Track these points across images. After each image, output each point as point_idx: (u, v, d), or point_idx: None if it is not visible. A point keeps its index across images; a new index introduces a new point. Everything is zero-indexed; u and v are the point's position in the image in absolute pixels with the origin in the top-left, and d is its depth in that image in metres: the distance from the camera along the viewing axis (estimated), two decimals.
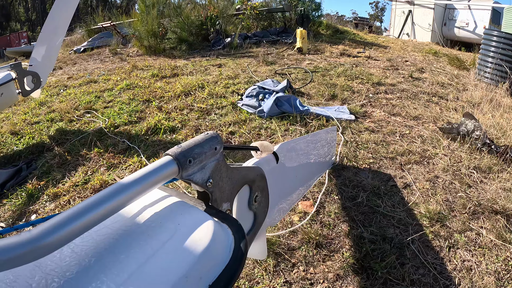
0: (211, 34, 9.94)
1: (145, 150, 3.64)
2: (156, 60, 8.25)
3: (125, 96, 5.39)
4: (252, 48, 9.10)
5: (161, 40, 9.57)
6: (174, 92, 5.23)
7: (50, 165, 3.64)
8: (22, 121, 5.11)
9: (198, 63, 7.40)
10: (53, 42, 4.42)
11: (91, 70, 7.88)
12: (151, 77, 6.36)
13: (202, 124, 4.16)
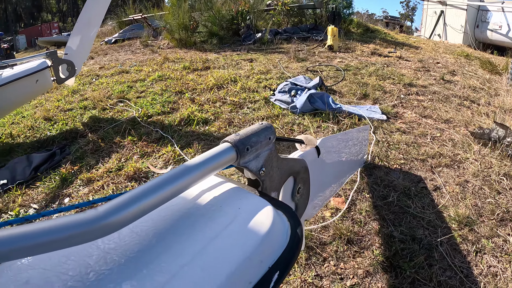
0: (241, 29, 9.92)
1: (178, 140, 3.63)
2: (187, 53, 8.28)
3: (157, 87, 5.41)
4: (283, 44, 9.04)
5: (192, 33, 9.59)
6: (206, 84, 5.22)
7: (83, 151, 3.68)
8: (55, 108, 5.18)
9: (229, 57, 7.39)
10: (88, 32, 4.47)
11: (123, 61, 7.95)
12: (182, 69, 6.38)
13: (235, 117, 4.13)
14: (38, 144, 4.10)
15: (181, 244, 0.75)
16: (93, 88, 5.90)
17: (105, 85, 5.99)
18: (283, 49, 8.40)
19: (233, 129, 3.87)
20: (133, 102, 4.92)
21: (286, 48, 8.42)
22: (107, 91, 5.52)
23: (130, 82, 5.87)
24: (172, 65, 6.84)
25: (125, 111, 4.63)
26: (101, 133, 4.02)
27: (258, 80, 5.49)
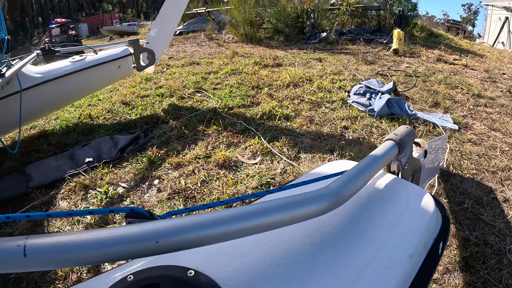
0: (306, 27, 9.89)
1: (263, 133, 3.65)
2: (253, 48, 8.34)
3: (232, 80, 5.47)
4: (348, 45, 8.95)
5: (257, 29, 9.64)
6: (282, 81, 5.23)
7: (168, 136, 3.77)
8: (131, 94, 5.34)
9: (297, 56, 7.37)
10: (169, 24, 4.61)
11: (191, 53, 8.11)
12: (253, 64, 6.42)
13: (315, 116, 4.11)
14: (119, 127, 4.25)
15: (369, 232, 0.88)
16: (166, 77, 6.05)
17: (178, 75, 6.13)
18: (348, 50, 8.32)
19: (314, 127, 3.85)
20: (211, 93, 5.00)
21: (352, 50, 8.33)
22: (182, 81, 5.64)
23: (203, 73, 5.98)
24: (242, 59, 6.90)
25: (204, 101, 4.71)
26: (183, 120, 4.11)
27: (332, 80, 5.44)
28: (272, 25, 9.94)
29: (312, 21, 10.07)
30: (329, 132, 3.75)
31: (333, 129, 3.82)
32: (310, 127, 3.86)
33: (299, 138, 3.60)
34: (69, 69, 4.11)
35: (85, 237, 0.58)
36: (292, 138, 3.57)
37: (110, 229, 0.60)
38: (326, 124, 3.95)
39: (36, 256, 0.54)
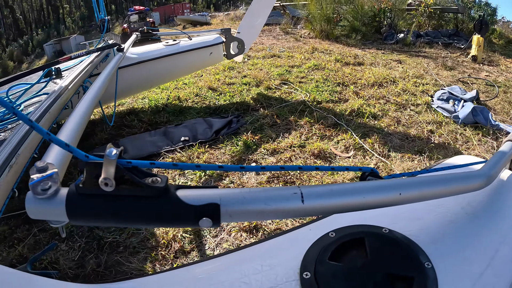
0: (383, 27, 9.85)
1: (354, 129, 3.82)
2: (330, 45, 8.43)
3: (316, 76, 5.65)
4: (425, 48, 8.82)
5: (335, 26, 9.70)
6: (367, 80, 5.35)
7: (261, 124, 4.02)
8: (216, 80, 5.65)
9: (376, 55, 7.42)
10: (260, 14, 4.79)
11: (269, 45, 8.34)
12: (335, 61, 6.54)
13: (401, 117, 4.23)
14: (208, 110, 4.55)
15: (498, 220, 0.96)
16: (249, 67, 6.31)
17: (260, 66, 6.39)
18: (425, 53, 8.23)
19: (402, 128, 3.97)
20: (297, 86, 5.21)
21: (429, 53, 8.23)
22: (266, 72, 5.89)
23: (286, 66, 6.20)
24: (323, 55, 7.04)
25: (292, 93, 4.93)
26: (274, 110, 4.35)
27: (414, 83, 5.50)
28: (349, 22, 9.96)
29: (389, 21, 10.00)
30: (416, 134, 3.84)
31: (419, 132, 3.91)
32: (397, 127, 3.99)
33: (388, 137, 3.74)
34: (163, 52, 4.46)
35: (350, 187, 0.70)
36: (382, 137, 3.72)
37: (363, 183, 0.74)
38: (413, 126, 4.06)
39: (311, 203, 0.63)
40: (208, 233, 2.47)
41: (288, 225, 2.45)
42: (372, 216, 0.87)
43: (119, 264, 2.27)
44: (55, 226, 0.57)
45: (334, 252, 0.80)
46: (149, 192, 0.57)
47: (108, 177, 0.54)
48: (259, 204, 0.61)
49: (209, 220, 0.58)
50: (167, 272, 0.92)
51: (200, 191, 0.60)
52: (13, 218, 2.86)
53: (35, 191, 0.56)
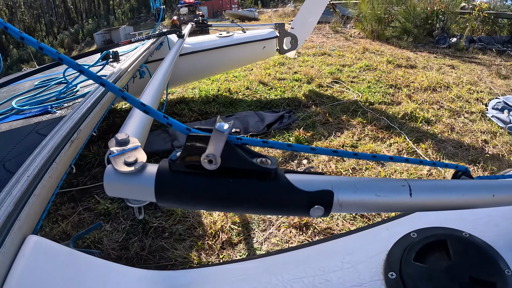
0: (435, 30, 9.58)
1: (407, 133, 3.74)
2: (381, 46, 8.31)
3: (368, 76, 5.61)
4: (478, 54, 8.54)
5: (386, 27, 9.51)
6: (420, 84, 5.25)
7: (313, 121, 4.04)
8: (267, 75, 5.66)
9: (428, 59, 7.24)
10: (314, 11, 4.79)
11: (319, 43, 8.28)
12: (387, 62, 6.46)
13: (455, 125, 4.11)
14: (259, 104, 4.60)
15: None
16: (299, 64, 6.29)
17: (311, 63, 6.38)
18: (478, 59, 7.95)
19: (455, 135, 3.86)
20: (349, 85, 5.18)
21: (482, 60, 7.95)
22: (317, 69, 5.85)
23: (337, 65, 6.19)
24: (374, 56, 6.97)
25: (344, 93, 4.93)
26: (326, 108, 4.35)
27: (469, 90, 5.33)
28: (401, 24, 9.73)
29: (442, 24, 9.72)
30: (470, 143, 3.74)
31: (473, 141, 3.80)
32: (451, 135, 3.88)
33: (442, 144, 3.64)
34: (217, 44, 4.52)
35: (451, 185, 0.66)
36: (435, 143, 3.62)
37: (464, 181, 0.71)
38: (467, 134, 3.93)
39: (418, 197, 0.59)
40: (256, 226, 2.45)
41: (339, 225, 2.39)
42: (450, 219, 0.89)
43: (164, 250, 2.31)
44: (133, 206, 0.53)
45: (418, 253, 0.78)
46: (259, 174, 0.52)
47: (214, 154, 0.48)
48: (369, 195, 0.56)
49: (321, 209, 0.53)
50: (236, 263, 0.94)
51: (311, 177, 0.55)
52: (58, 195, 2.92)
53: (118, 164, 0.51)
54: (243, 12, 22.98)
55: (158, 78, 1.55)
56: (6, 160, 1.40)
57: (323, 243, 0.92)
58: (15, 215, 0.80)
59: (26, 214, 0.82)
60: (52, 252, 0.74)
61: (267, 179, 0.52)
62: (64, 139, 1.25)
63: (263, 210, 0.55)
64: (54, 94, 2.51)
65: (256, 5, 45.72)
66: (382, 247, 0.83)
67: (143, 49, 3.28)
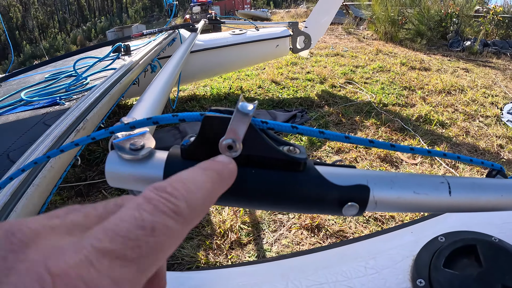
0: (449, 33, 9.48)
1: (421, 136, 3.67)
2: (394, 48, 8.23)
3: (382, 77, 5.54)
4: (492, 58, 8.43)
5: (399, 28, 9.43)
6: (434, 87, 5.16)
7: (326, 121, 4.00)
8: (280, 74, 5.61)
9: (441, 62, 7.15)
10: (328, 11, 4.73)
11: (332, 44, 8.22)
12: (400, 64, 6.38)
13: (470, 129, 4.02)
14: (272, 103, 4.56)
15: None
16: (312, 64, 6.24)
17: (323, 63, 6.32)
18: (493, 63, 7.84)
19: (470, 139, 3.78)
20: (362, 86, 5.12)
21: (497, 64, 7.84)
22: (330, 70, 5.80)
23: (350, 66, 6.13)
24: (387, 58, 6.90)
25: (357, 93, 4.87)
26: (339, 108, 4.30)
27: (483, 94, 5.23)
28: (414, 26, 9.64)
29: (456, 27, 9.61)
30: (485, 148, 3.66)
31: (489, 145, 3.71)
32: (466, 138, 3.80)
33: (457, 147, 3.57)
34: (229, 41, 4.47)
35: (491, 183, 0.57)
36: (450, 146, 3.55)
37: (501, 180, 0.60)
38: (482, 139, 3.85)
39: (458, 196, 0.53)
40: (267, 227, 2.40)
41: (352, 228, 2.32)
42: (477, 223, 0.84)
43: None
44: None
45: (447, 258, 0.72)
46: (286, 164, 0.45)
47: (235, 138, 0.41)
48: (407, 192, 0.48)
49: (355, 206, 0.45)
50: (249, 266, 0.87)
51: (344, 170, 0.48)
52: (66, 189, 2.89)
53: (122, 150, 0.44)
54: (256, 12, 23.04)
55: (167, 71, 1.49)
56: (11, 150, 1.35)
57: (343, 246, 0.86)
58: (11, 205, 0.74)
59: (24, 205, 0.76)
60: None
61: (296, 171, 0.45)
62: (69, 128, 1.20)
63: (289, 207, 0.47)
64: (63, 86, 2.48)
65: (269, 6, 45.82)
66: (408, 251, 0.78)
67: (155, 43, 3.24)
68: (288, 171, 0.44)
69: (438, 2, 10.68)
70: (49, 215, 0.24)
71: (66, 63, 3.32)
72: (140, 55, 2.71)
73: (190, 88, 5.44)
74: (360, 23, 11.09)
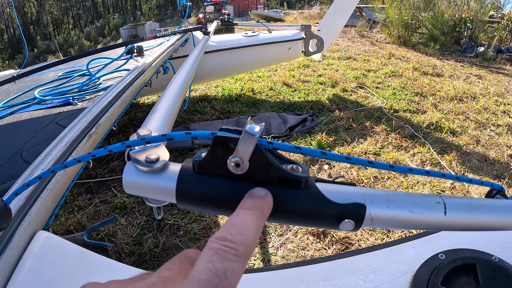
0: (463, 38, 9.40)
1: (431, 144, 3.64)
2: (407, 52, 8.18)
3: (394, 83, 5.51)
4: (506, 64, 8.34)
5: (412, 33, 9.37)
6: (446, 93, 5.13)
7: (336, 126, 3.98)
8: (291, 77, 5.63)
9: (454, 68, 7.09)
10: (342, 14, 4.72)
11: (344, 47, 8.20)
12: (413, 69, 6.35)
13: (481, 137, 3.99)
14: (283, 105, 4.57)
15: None
16: (324, 67, 6.24)
17: (336, 66, 6.32)
18: (506, 70, 7.77)
19: (481, 148, 3.75)
20: (374, 91, 5.11)
21: (510, 71, 7.74)
22: (342, 73, 5.80)
23: (362, 70, 6.11)
24: (400, 62, 6.86)
25: (368, 98, 4.85)
26: (350, 113, 4.30)
27: (496, 102, 5.19)
28: (428, 30, 9.57)
29: (469, 32, 9.52)
30: (495, 157, 3.62)
31: (499, 155, 3.67)
32: (476, 147, 3.77)
33: (466, 156, 3.54)
34: (242, 43, 4.49)
35: (488, 204, 0.58)
36: (460, 155, 3.52)
37: (499, 201, 0.60)
38: (493, 148, 3.81)
39: (453, 216, 0.53)
40: (273, 231, 2.41)
41: (357, 235, 2.33)
42: (478, 240, 0.84)
43: (177, 248, 2.28)
44: (152, 205, 0.50)
45: (446, 276, 0.74)
46: (289, 182, 0.47)
47: (242, 157, 0.44)
48: (403, 210, 0.50)
49: (351, 223, 0.48)
50: (248, 274, 0.86)
51: (343, 187, 0.50)
52: (76, 185, 2.93)
53: (138, 162, 0.48)
54: (269, 13, 23.11)
55: (182, 74, 1.51)
56: (24, 149, 1.38)
57: (344, 258, 0.88)
58: (25, 209, 0.77)
59: (37, 209, 0.79)
60: (61, 250, 0.72)
61: (297, 188, 0.48)
62: (82, 132, 1.22)
63: (290, 220, 0.50)
64: (76, 85, 2.51)
65: (282, 6, 45.84)
66: (408, 267, 0.79)
67: (167, 44, 3.27)
68: (290, 188, 0.47)
69: (452, 7, 10.59)
70: (135, 278, 0.34)
71: (80, 62, 3.35)
72: (153, 57, 2.74)
73: (201, 89, 5.47)
74: (374, 26, 11.04)
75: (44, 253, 0.70)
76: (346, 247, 2.25)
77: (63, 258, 0.70)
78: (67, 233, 2.43)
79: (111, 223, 2.48)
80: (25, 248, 0.69)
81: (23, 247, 0.69)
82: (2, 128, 1.87)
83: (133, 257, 2.21)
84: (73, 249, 0.73)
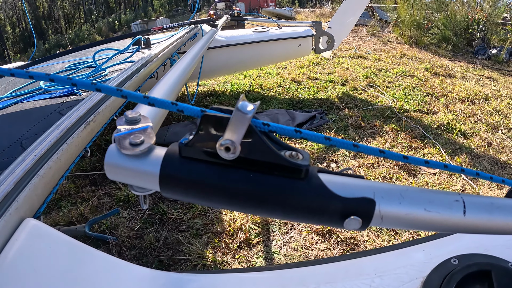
0: (475, 40, 9.28)
1: (442, 145, 3.58)
2: (419, 52, 8.11)
3: (405, 83, 5.46)
4: None
5: (424, 33, 9.28)
6: (457, 94, 5.05)
7: (345, 124, 3.93)
8: (301, 74, 5.58)
9: (466, 69, 7.00)
10: (353, 12, 4.69)
11: (355, 46, 8.14)
12: (424, 70, 6.27)
13: (492, 140, 3.91)
14: (291, 103, 4.56)
15: None
16: (334, 65, 6.19)
17: (346, 65, 6.27)
18: None
19: (492, 151, 3.67)
20: (384, 90, 5.06)
21: None
22: (352, 72, 5.74)
23: (373, 69, 6.06)
24: (411, 62, 6.80)
25: (378, 97, 4.80)
26: (359, 111, 4.26)
27: (508, 104, 5.10)
28: (440, 31, 9.46)
29: (482, 34, 9.41)
30: (507, 161, 3.54)
31: (510, 159, 3.59)
32: (487, 150, 3.69)
33: (477, 159, 3.47)
34: (251, 38, 4.46)
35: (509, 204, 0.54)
36: (470, 157, 3.46)
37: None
38: (504, 151, 3.73)
39: (474, 217, 0.48)
40: (277, 229, 2.36)
41: (364, 235, 2.27)
42: (493, 245, 0.79)
43: (179, 243, 2.25)
44: (137, 194, 0.46)
45: (459, 283, 0.68)
46: (286, 170, 0.42)
47: (233, 140, 0.39)
48: (418, 208, 0.45)
49: (358, 220, 0.43)
50: (250, 273, 0.85)
51: (349, 180, 0.45)
52: (80, 177, 2.91)
53: (122, 144, 0.44)
54: (280, 11, 23.12)
55: (183, 63, 1.47)
56: (24, 138, 1.36)
57: (349, 260, 0.83)
58: (14, 195, 0.73)
59: (26, 196, 0.75)
60: (49, 239, 0.69)
61: (296, 178, 0.42)
62: (79, 120, 1.19)
63: (287, 215, 0.45)
64: (82, 76, 2.48)
65: (293, 5, 45.79)
66: (418, 272, 0.74)
67: (175, 37, 3.24)
68: (288, 178, 0.42)
69: (465, 8, 10.45)
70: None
71: (87, 54, 3.33)
72: (159, 49, 2.71)
73: (210, 84, 5.45)
74: (385, 26, 10.95)
75: (31, 241, 0.67)
76: (352, 248, 2.20)
77: (50, 248, 0.67)
78: (70, 224, 2.42)
79: (114, 216, 2.46)
80: (11, 235, 0.66)
81: (9, 234, 0.66)
82: (6, 117, 1.85)
83: (134, 251, 2.18)
84: (62, 239, 0.70)
